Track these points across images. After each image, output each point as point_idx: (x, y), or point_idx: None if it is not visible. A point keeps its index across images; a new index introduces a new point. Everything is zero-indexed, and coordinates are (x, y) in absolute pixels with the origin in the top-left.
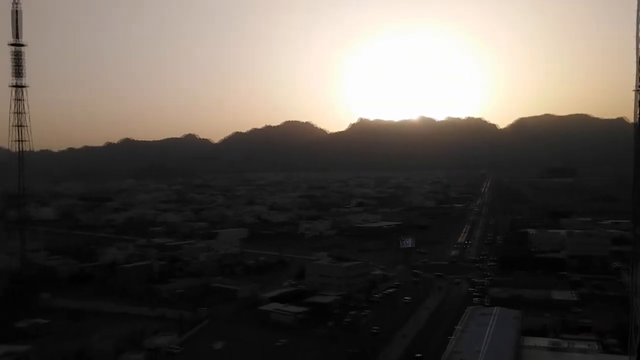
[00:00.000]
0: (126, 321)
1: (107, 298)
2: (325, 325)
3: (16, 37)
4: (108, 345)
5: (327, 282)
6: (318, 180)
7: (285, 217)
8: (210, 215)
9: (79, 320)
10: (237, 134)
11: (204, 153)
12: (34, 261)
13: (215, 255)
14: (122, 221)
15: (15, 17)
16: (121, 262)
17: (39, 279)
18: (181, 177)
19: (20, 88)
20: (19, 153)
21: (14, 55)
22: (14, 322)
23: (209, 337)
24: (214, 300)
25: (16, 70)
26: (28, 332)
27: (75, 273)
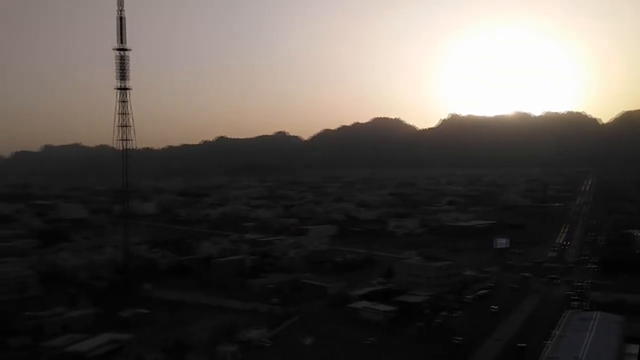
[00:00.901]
0: (220, 313)
1: (202, 290)
2: (414, 325)
3: (121, 42)
4: (204, 337)
5: (416, 281)
6: (407, 177)
7: (374, 215)
8: (300, 211)
9: (176, 311)
10: (327, 131)
11: (294, 150)
12: (136, 253)
13: (305, 252)
14: (217, 216)
15: (120, 24)
16: (216, 256)
17: (140, 270)
18: (272, 173)
19: (124, 90)
20: (124, 151)
21: (119, 60)
22: (118, 311)
23: (299, 333)
24: (304, 297)
25: (121, 73)
26: (131, 321)
27: (173, 265)
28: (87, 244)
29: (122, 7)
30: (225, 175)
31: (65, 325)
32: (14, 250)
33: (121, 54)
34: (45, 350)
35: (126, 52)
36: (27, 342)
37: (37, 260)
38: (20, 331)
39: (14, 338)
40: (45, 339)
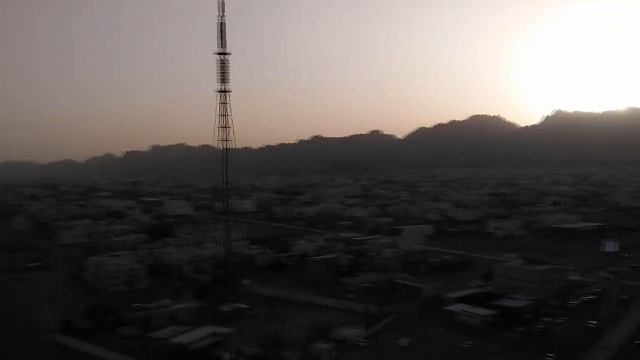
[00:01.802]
0: (315, 311)
1: (298, 287)
2: (514, 331)
3: (221, 46)
4: (299, 333)
5: (517, 285)
6: (507, 177)
7: (472, 215)
8: (394, 211)
9: (273, 307)
10: (422, 129)
11: (388, 149)
12: (236, 249)
13: (400, 252)
14: (312, 214)
15: (220, 29)
16: (311, 253)
17: (240, 266)
18: (367, 172)
19: (224, 92)
20: (224, 151)
21: (220, 63)
22: (219, 305)
23: (394, 333)
24: (399, 297)
25: (222, 76)
26: (231, 316)
27: (270, 262)
28: (191, 239)
29: (223, 13)
30: (320, 174)
31: (171, 317)
32: (125, 245)
33: (222, 58)
34: (152, 340)
35: (226, 55)
36: (136, 332)
37: (145, 254)
38: (130, 321)
39: (125, 328)
40: (153, 329)
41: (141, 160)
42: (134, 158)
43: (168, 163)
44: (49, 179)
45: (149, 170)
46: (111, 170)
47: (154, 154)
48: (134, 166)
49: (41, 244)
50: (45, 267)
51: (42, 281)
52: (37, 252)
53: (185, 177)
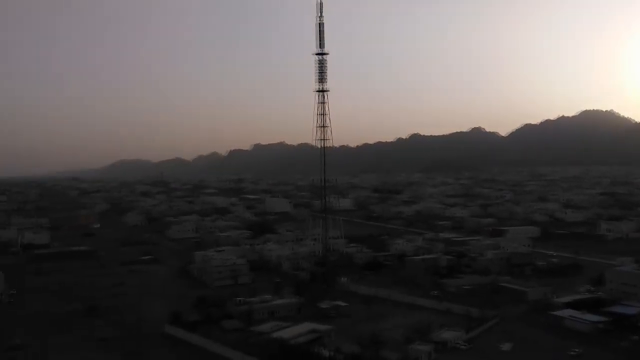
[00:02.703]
0: (414, 311)
1: (396, 287)
2: (629, 339)
3: (320, 46)
4: (398, 333)
5: (632, 291)
6: (621, 175)
7: (582, 216)
8: (497, 211)
9: (371, 305)
10: (528, 126)
11: (491, 146)
12: (334, 247)
13: (503, 254)
14: (411, 214)
15: (319, 29)
16: (410, 253)
17: (338, 264)
18: (468, 171)
19: (323, 92)
20: (322, 150)
21: (318, 63)
22: (318, 302)
23: (496, 337)
24: (502, 300)
25: (320, 76)
26: (329, 313)
27: (369, 261)
28: (290, 236)
29: (321, 14)
30: (418, 172)
31: (272, 312)
32: (229, 240)
33: (320, 58)
34: (254, 334)
35: (324, 56)
36: (240, 325)
37: (247, 250)
38: (234, 315)
39: (229, 321)
40: (254, 323)
41: (244, 159)
42: (237, 156)
43: (269, 161)
44: (160, 177)
45: (251, 168)
46: (216, 168)
47: (256, 153)
48: (237, 164)
49: (153, 238)
50: (157, 261)
51: (153, 274)
52: (149, 245)
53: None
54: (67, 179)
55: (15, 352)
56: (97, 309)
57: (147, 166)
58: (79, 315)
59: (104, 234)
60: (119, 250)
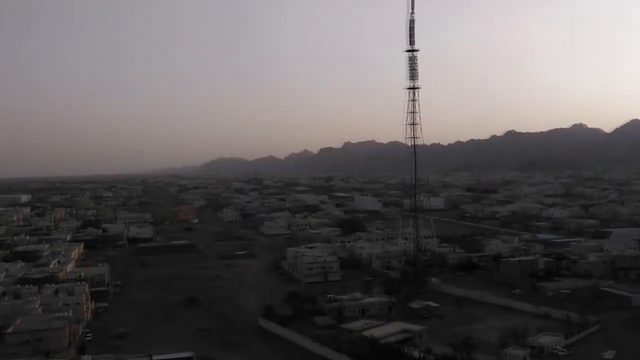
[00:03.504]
0: (509, 314)
1: (490, 289)
2: None
3: (411, 43)
4: (492, 337)
5: None
6: None
7: None
8: (600, 212)
9: (464, 307)
10: (635, 122)
11: (594, 143)
12: (426, 247)
13: (607, 256)
14: (506, 214)
15: (410, 26)
16: (505, 255)
17: (429, 264)
18: (568, 169)
19: (413, 90)
20: (413, 148)
21: (409, 61)
22: (409, 302)
23: (597, 344)
24: (604, 306)
25: (411, 73)
26: (420, 313)
27: (462, 262)
28: (381, 234)
29: (412, 11)
30: (514, 171)
31: (362, 310)
32: (319, 237)
33: (411, 55)
34: (345, 331)
35: (415, 53)
36: (331, 322)
37: (338, 247)
38: (325, 311)
39: (320, 317)
40: (345, 321)
41: (334, 157)
42: (328, 154)
43: (359, 159)
44: (254, 174)
45: (341, 166)
46: (307, 166)
47: (346, 151)
48: (328, 162)
49: (248, 234)
50: (251, 255)
51: (248, 268)
52: (244, 241)
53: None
54: (168, 176)
55: (121, 340)
56: (197, 301)
57: (243, 164)
58: (180, 306)
59: (202, 228)
60: (216, 244)
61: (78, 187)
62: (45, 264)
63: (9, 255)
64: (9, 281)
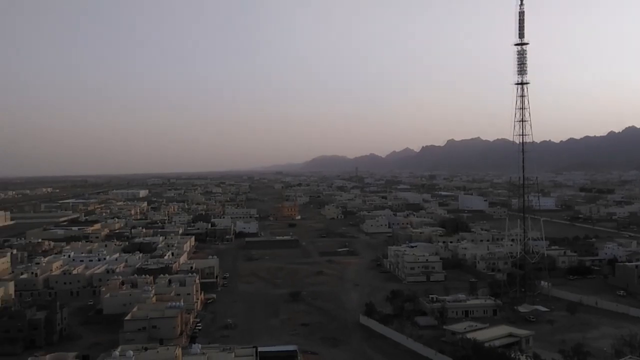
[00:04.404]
0: (626, 322)
1: (605, 295)
2: None
3: (520, 37)
4: (606, 345)
5: None
6: None
7: None
8: None
9: (575, 313)
10: None
11: None
12: (534, 249)
13: None
14: (624, 215)
15: (520, 18)
16: (621, 259)
17: (538, 267)
18: None
19: (523, 85)
20: (521, 146)
21: (518, 54)
22: (516, 306)
23: None
24: None
25: (520, 68)
26: (528, 317)
27: (573, 265)
28: (486, 235)
29: (522, 2)
30: (634, 170)
31: (466, 311)
32: (421, 236)
33: (520, 49)
34: (447, 333)
35: (525, 46)
36: (433, 322)
37: (440, 247)
38: (427, 312)
39: (422, 317)
40: (448, 322)
41: (437, 155)
42: (430, 152)
43: (463, 157)
44: (355, 172)
45: (444, 164)
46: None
47: (449, 149)
48: (430, 160)
49: (349, 231)
50: (353, 253)
51: (349, 265)
52: (345, 238)
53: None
54: (273, 173)
55: (228, 330)
56: (300, 295)
57: (344, 162)
58: (284, 300)
59: (304, 225)
60: (318, 241)
61: (190, 183)
62: (160, 256)
63: (128, 247)
64: (128, 271)
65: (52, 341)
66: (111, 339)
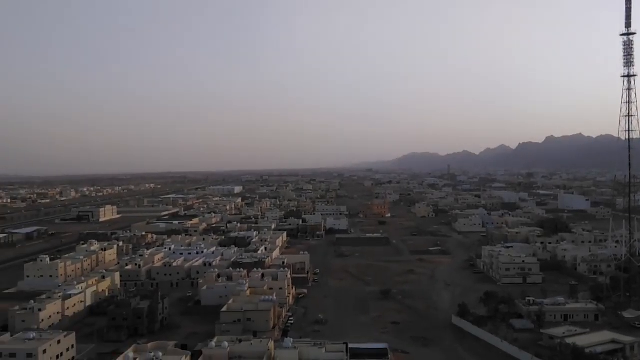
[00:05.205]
0: None
1: None
2: None
3: (627, 26)
4: None
5: None
6: None
7: None
8: None
9: None
10: None
11: None
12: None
13: None
14: None
15: (627, 6)
16: None
17: None
18: None
19: (629, 78)
20: (628, 142)
21: (625, 45)
22: (620, 311)
23: None
24: None
25: (627, 59)
26: (633, 324)
27: None
28: (587, 236)
29: None
30: None
31: (565, 316)
32: (517, 237)
33: (627, 39)
34: (544, 337)
35: (632, 36)
36: (529, 326)
37: (538, 248)
38: (523, 314)
39: (518, 320)
40: (545, 326)
41: (535, 152)
42: (527, 149)
43: (563, 154)
44: (447, 169)
45: (542, 161)
46: (504, 161)
47: (548, 145)
48: (527, 157)
49: (440, 230)
50: (445, 252)
51: (441, 264)
52: (437, 237)
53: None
54: (363, 170)
55: (319, 326)
56: (390, 293)
57: (435, 159)
58: (374, 297)
59: (395, 223)
60: (409, 239)
61: (282, 180)
62: (254, 250)
63: (224, 241)
64: (224, 264)
65: (154, 330)
66: (208, 329)
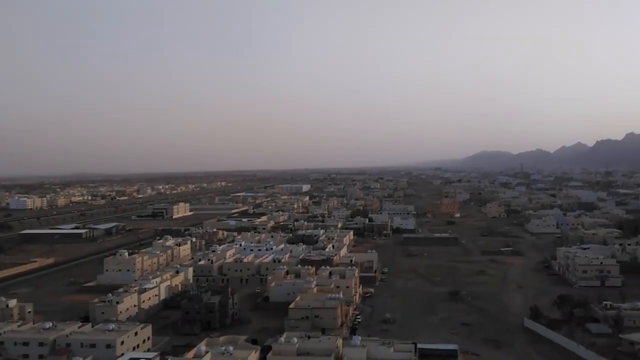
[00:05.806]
0: None
1: None
2: None
3: None
4: None
5: None
6: None
7: None
8: None
9: None
10: None
11: None
12: None
13: None
14: None
15: None
16: None
17: None
18: None
19: None
20: None
21: None
22: None
23: None
24: None
25: None
26: None
27: None
28: None
29: None
30: None
31: None
32: (595, 238)
33: None
34: (623, 342)
35: None
36: (607, 331)
37: (617, 250)
38: (600, 319)
39: (595, 324)
40: (624, 331)
41: (614, 149)
42: (606, 147)
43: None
44: (520, 168)
45: (622, 159)
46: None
47: (629, 142)
48: (606, 155)
49: (512, 230)
50: (517, 253)
51: (513, 266)
52: (508, 237)
53: None
54: (432, 168)
55: (387, 325)
56: (460, 294)
57: (507, 157)
58: (444, 298)
59: (464, 222)
60: (480, 239)
61: (350, 178)
62: (322, 248)
63: (292, 238)
64: (292, 261)
65: (225, 324)
66: (277, 325)
